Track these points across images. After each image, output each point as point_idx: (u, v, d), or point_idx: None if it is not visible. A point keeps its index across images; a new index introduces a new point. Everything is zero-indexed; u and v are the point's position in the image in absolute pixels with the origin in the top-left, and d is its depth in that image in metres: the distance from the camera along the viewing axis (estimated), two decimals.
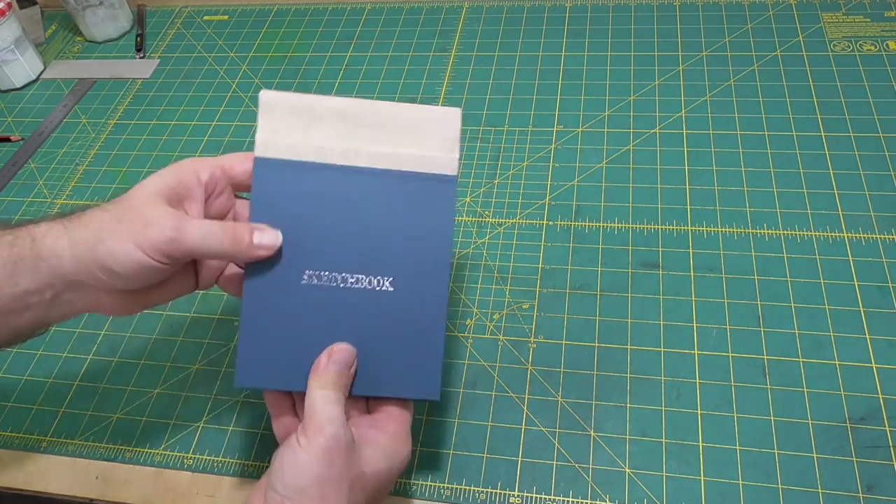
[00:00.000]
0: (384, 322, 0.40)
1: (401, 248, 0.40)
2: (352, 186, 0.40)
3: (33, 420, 0.53)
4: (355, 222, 0.40)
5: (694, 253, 0.55)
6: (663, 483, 0.44)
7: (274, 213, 0.40)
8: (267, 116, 0.41)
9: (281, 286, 0.40)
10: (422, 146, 0.41)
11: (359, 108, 0.41)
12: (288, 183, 0.40)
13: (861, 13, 0.72)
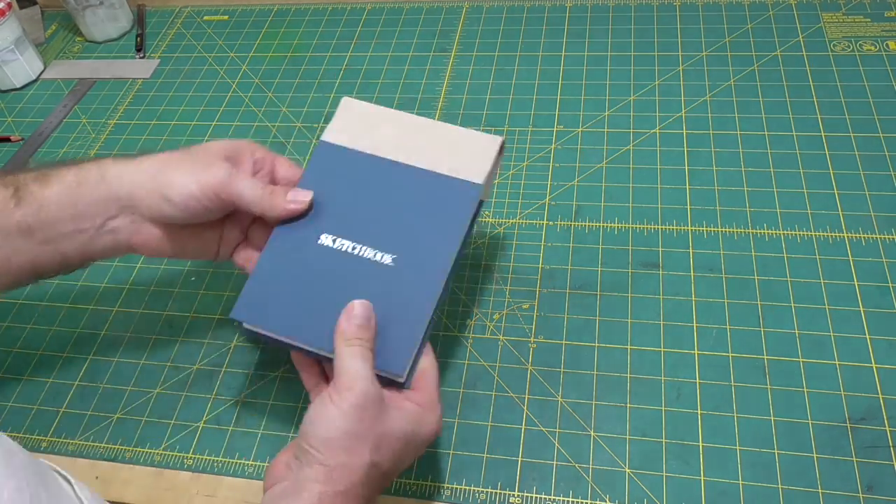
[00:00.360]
0: (377, 292, 0.42)
1: (412, 234, 0.44)
2: (388, 175, 0.47)
3: (33, 420, 0.53)
4: (381, 203, 0.46)
5: (694, 253, 0.55)
6: (663, 483, 0.44)
7: (317, 183, 0.46)
8: (342, 115, 0.49)
9: (299, 241, 0.45)
10: (460, 158, 0.47)
11: (417, 122, 0.49)
12: (337, 162, 0.47)
13: (861, 13, 0.72)
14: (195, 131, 0.72)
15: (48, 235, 0.43)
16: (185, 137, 0.72)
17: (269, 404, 0.51)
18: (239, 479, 0.48)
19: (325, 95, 0.74)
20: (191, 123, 0.73)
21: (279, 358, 0.53)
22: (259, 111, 0.73)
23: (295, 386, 0.52)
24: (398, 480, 0.46)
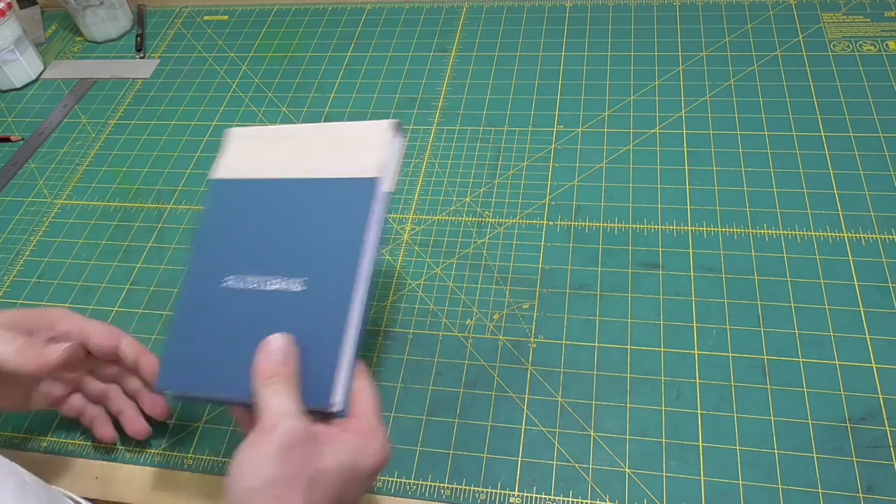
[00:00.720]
0: (293, 322, 0.40)
1: (316, 250, 0.41)
2: (283, 195, 0.44)
3: (33, 420, 0.53)
4: (282, 227, 0.43)
5: (694, 253, 0.55)
6: (663, 483, 0.44)
7: (216, 226, 0.44)
8: (228, 148, 0.47)
9: (206, 291, 0.42)
10: (351, 155, 0.44)
11: (305, 130, 0.46)
12: (231, 198, 0.45)
13: (861, 13, 0.72)
14: (195, 131, 0.72)
15: None
16: (185, 137, 0.72)
17: None
18: None
19: (325, 95, 0.74)
20: (191, 123, 0.73)
21: None
22: (259, 111, 0.73)
23: None
24: (398, 480, 0.46)
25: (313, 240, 0.42)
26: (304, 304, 0.40)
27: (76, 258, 0.63)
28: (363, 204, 0.42)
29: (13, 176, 0.72)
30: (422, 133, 0.68)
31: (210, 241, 0.44)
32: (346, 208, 0.42)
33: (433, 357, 0.52)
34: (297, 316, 0.40)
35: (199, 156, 0.70)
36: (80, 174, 0.70)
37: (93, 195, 0.68)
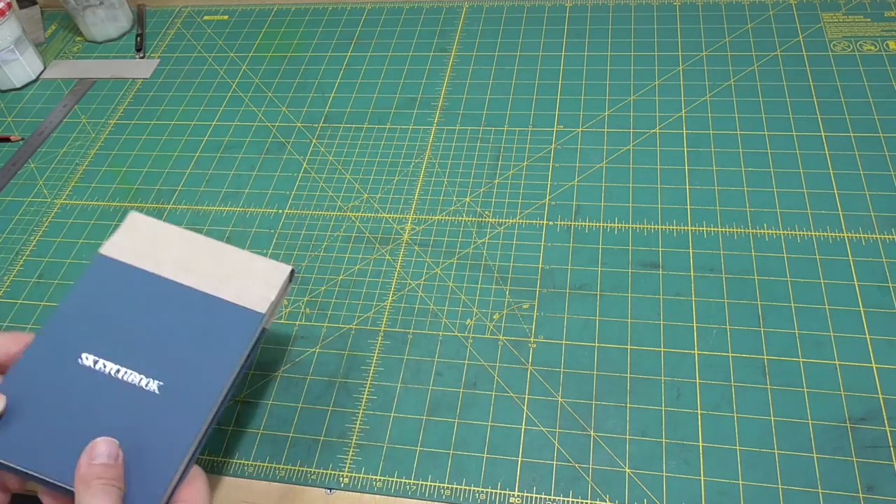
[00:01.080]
0: (137, 421, 0.39)
1: (183, 360, 0.42)
2: (168, 297, 0.44)
3: None
4: (154, 327, 0.43)
5: (694, 253, 0.55)
6: (663, 483, 0.44)
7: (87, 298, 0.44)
8: (126, 230, 0.46)
9: (56, 359, 0.41)
10: (246, 284, 0.45)
11: (208, 244, 0.46)
12: (113, 278, 0.44)
13: (861, 13, 0.72)
14: (195, 131, 0.72)
15: None
16: (185, 137, 0.72)
17: (269, 404, 0.51)
18: (239, 479, 0.48)
19: (325, 95, 0.74)
20: (191, 123, 0.73)
21: (279, 358, 0.53)
22: (259, 111, 0.73)
23: (295, 386, 0.52)
24: (398, 480, 0.46)
25: (182, 349, 0.42)
26: (155, 406, 0.40)
27: (76, 258, 0.63)
28: (243, 334, 0.43)
29: (13, 176, 0.72)
30: (422, 133, 0.68)
31: (75, 313, 0.43)
32: (224, 331, 0.43)
33: (433, 357, 0.52)
34: (143, 415, 0.40)
35: (199, 156, 0.70)
36: (80, 174, 0.70)
37: (93, 195, 0.68)
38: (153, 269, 0.45)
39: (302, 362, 0.53)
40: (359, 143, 0.68)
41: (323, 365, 0.53)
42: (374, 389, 0.51)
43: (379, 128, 0.69)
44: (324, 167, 0.67)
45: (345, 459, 0.48)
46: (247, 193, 0.66)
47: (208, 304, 0.44)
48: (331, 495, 0.47)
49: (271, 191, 0.65)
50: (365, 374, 0.52)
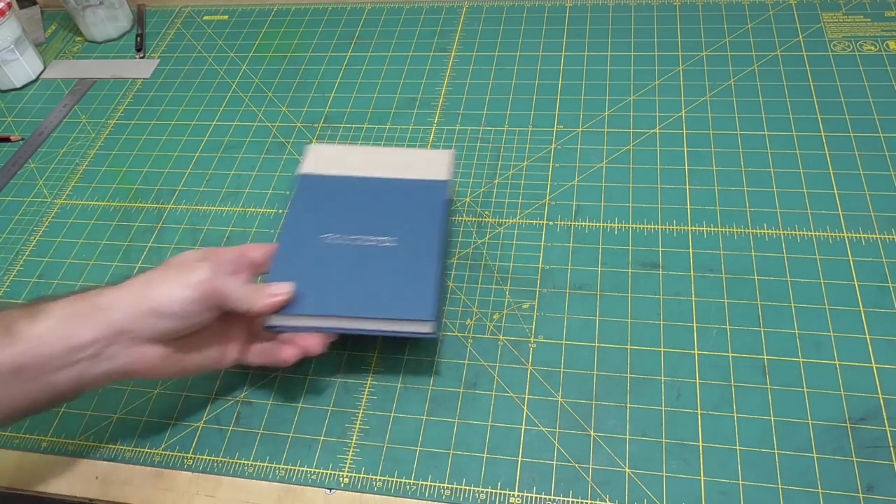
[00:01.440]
0: (387, 263, 0.49)
1: (402, 222, 0.52)
2: (367, 187, 0.54)
3: (34, 420, 0.53)
4: (368, 208, 0.53)
5: (694, 253, 0.55)
6: (663, 483, 0.44)
7: (306, 207, 0.53)
8: (311, 156, 0.57)
9: (305, 243, 0.51)
10: (424, 168, 0.55)
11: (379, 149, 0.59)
12: (319, 187, 0.54)
13: (861, 13, 0.72)
14: (195, 131, 0.72)
15: (40, 371, 0.41)
16: (185, 137, 0.72)
17: (269, 404, 0.51)
18: (239, 479, 0.48)
19: (325, 95, 0.74)
20: (191, 123, 0.73)
21: None
22: (259, 111, 0.73)
23: (295, 386, 0.52)
24: (398, 480, 0.46)
25: (398, 216, 0.52)
26: (396, 253, 0.50)
27: (76, 258, 0.63)
28: (438, 195, 0.53)
29: (13, 176, 0.72)
30: (422, 133, 0.68)
31: (303, 214, 0.52)
32: (423, 198, 0.53)
33: (433, 357, 0.52)
34: (390, 260, 0.49)
35: (199, 156, 0.70)
36: (80, 174, 0.70)
37: (93, 195, 0.68)
38: (347, 173, 0.55)
39: (302, 362, 0.53)
40: (359, 143, 0.68)
41: (323, 365, 0.53)
42: (373, 389, 0.51)
43: (379, 128, 0.69)
44: None
45: (345, 459, 0.48)
46: (247, 193, 0.66)
47: (402, 184, 0.54)
48: (331, 495, 0.47)
49: (271, 191, 0.65)
50: (365, 374, 0.52)
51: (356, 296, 0.47)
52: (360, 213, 0.52)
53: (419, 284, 0.48)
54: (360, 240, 0.50)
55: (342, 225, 0.51)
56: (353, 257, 0.50)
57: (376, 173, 0.55)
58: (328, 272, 0.49)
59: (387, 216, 0.52)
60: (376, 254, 0.50)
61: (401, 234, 0.50)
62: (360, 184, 0.54)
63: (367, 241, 0.50)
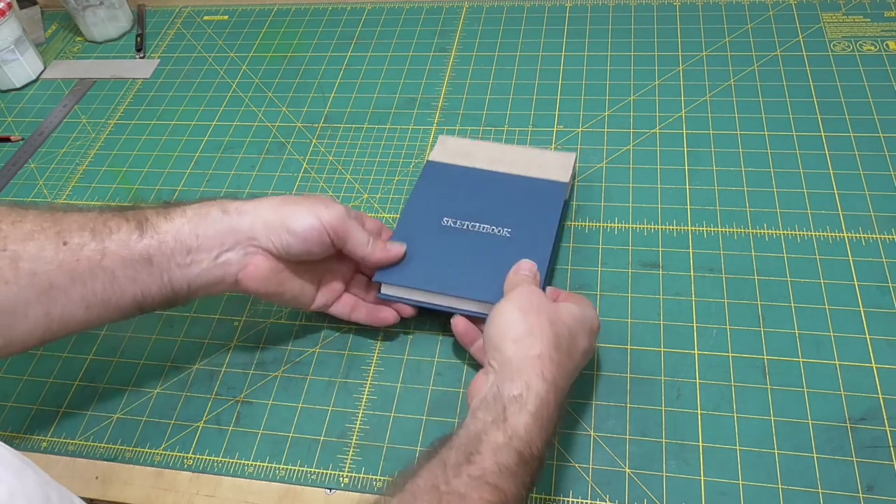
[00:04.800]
0: (500, 253, 0.51)
1: (520, 215, 0.54)
2: (489, 179, 0.57)
3: (33, 420, 0.53)
4: (489, 199, 0.55)
5: (694, 253, 0.55)
6: (663, 483, 0.44)
7: (430, 189, 0.56)
8: (440, 147, 0.60)
9: (425, 224, 0.54)
10: (545, 166, 0.58)
11: (505, 146, 0.61)
12: (444, 174, 0.58)
13: (861, 13, 0.72)
14: (195, 131, 0.72)
15: (164, 265, 0.44)
16: (185, 137, 0.72)
17: (269, 404, 0.51)
18: (239, 479, 0.48)
19: (325, 95, 0.74)
20: (191, 123, 0.73)
21: (279, 358, 0.53)
22: (259, 111, 0.73)
23: (295, 386, 0.52)
24: None
25: (516, 210, 0.54)
26: (511, 244, 0.52)
27: None
28: (556, 195, 0.56)
29: (13, 176, 0.72)
30: (422, 133, 0.68)
31: (425, 197, 0.56)
32: (542, 196, 0.55)
33: (433, 357, 0.52)
34: (505, 250, 0.51)
35: (199, 156, 0.70)
36: (80, 174, 0.70)
37: (93, 195, 0.68)
38: (472, 165, 0.58)
39: (302, 362, 0.53)
40: (359, 143, 0.68)
41: (323, 365, 0.53)
42: (374, 389, 0.51)
43: (379, 128, 0.69)
44: (324, 167, 0.67)
45: (345, 459, 0.48)
46: (247, 193, 0.66)
47: (523, 181, 0.57)
48: (331, 495, 0.47)
49: (271, 191, 0.65)
50: (365, 374, 0.52)
51: (459, 277, 0.50)
52: (479, 203, 0.55)
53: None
54: (476, 226, 0.53)
55: (461, 211, 0.54)
56: (468, 241, 0.52)
57: (500, 168, 0.57)
58: (441, 251, 0.52)
59: (505, 209, 0.54)
60: (490, 241, 0.52)
61: (516, 228, 0.53)
62: (483, 176, 0.57)
63: (484, 228, 0.53)
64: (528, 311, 0.42)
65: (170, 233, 0.44)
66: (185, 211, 0.45)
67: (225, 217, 0.45)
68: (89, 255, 0.42)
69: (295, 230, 0.46)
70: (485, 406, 0.39)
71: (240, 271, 0.46)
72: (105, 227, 0.43)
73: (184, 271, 0.45)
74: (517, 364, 0.39)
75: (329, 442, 0.49)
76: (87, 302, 0.43)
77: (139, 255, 0.43)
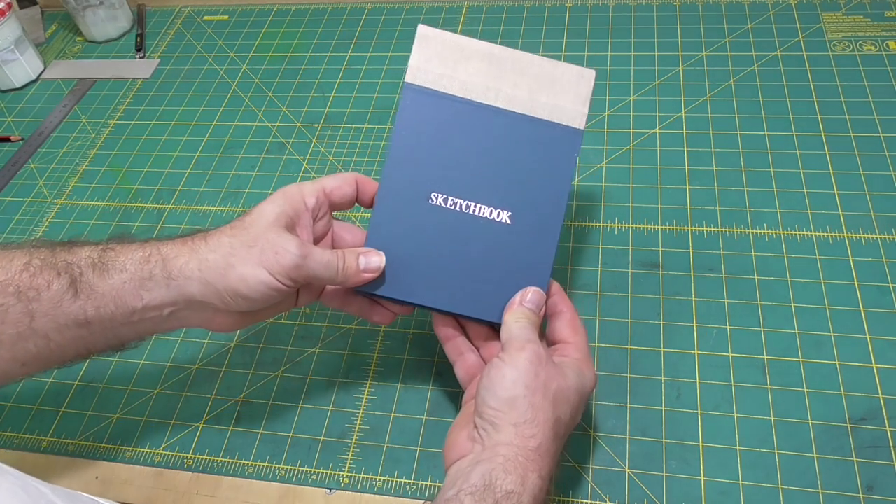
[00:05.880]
0: (498, 250, 0.44)
1: (522, 186, 0.44)
2: (487, 124, 0.45)
3: (33, 420, 0.53)
4: (485, 156, 0.45)
5: (694, 253, 0.55)
6: (663, 483, 0.44)
7: (412, 135, 0.45)
8: (421, 47, 0.46)
9: (408, 202, 0.44)
10: (556, 97, 0.45)
11: (504, 53, 0.45)
12: (430, 110, 0.45)
13: (861, 13, 0.72)
14: (195, 131, 0.72)
15: (107, 325, 0.40)
16: (185, 137, 0.72)
17: (269, 404, 0.51)
18: (239, 479, 0.48)
19: (325, 95, 0.74)
20: (191, 123, 0.73)
21: (279, 358, 0.53)
22: (259, 111, 0.73)
23: (295, 386, 0.52)
24: (398, 480, 0.46)
25: (518, 175, 0.44)
26: (510, 235, 0.44)
27: None
28: (569, 152, 0.45)
29: (13, 176, 0.72)
30: None
31: (407, 152, 0.45)
32: (551, 152, 0.45)
33: (433, 357, 0.52)
34: (502, 244, 0.44)
35: (199, 156, 0.70)
36: (80, 174, 0.70)
37: (93, 195, 0.68)
38: (462, 94, 0.45)
39: (302, 362, 0.53)
40: (359, 143, 0.68)
41: (323, 365, 0.53)
42: (374, 389, 0.51)
43: (379, 128, 0.69)
44: (324, 167, 0.67)
45: (345, 459, 0.48)
46: (247, 193, 0.66)
47: (527, 126, 0.45)
48: (331, 495, 0.47)
49: (271, 191, 0.65)
50: (365, 374, 0.52)
51: (453, 286, 0.44)
52: (473, 165, 0.44)
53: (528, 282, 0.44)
54: (472, 208, 0.44)
55: (452, 179, 0.44)
56: (460, 233, 0.44)
57: (498, 100, 0.45)
58: (428, 248, 0.44)
59: (504, 174, 0.44)
60: (486, 231, 0.44)
61: (517, 208, 0.44)
62: (478, 118, 0.45)
63: (479, 211, 0.44)
64: (534, 389, 0.38)
65: (108, 295, 0.39)
66: (125, 266, 0.40)
67: (171, 282, 0.40)
68: (15, 319, 0.38)
69: (248, 295, 0.40)
70: (474, 494, 0.35)
71: (201, 323, 0.43)
72: (31, 286, 0.38)
73: (131, 328, 0.41)
74: (514, 454, 0.36)
75: (329, 442, 0.49)
76: (22, 360, 0.40)
77: (74, 320, 0.39)
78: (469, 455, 0.38)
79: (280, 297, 0.41)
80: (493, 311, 0.44)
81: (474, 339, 0.46)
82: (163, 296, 0.40)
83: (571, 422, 0.40)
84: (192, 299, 0.40)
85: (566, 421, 0.39)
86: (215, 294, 0.40)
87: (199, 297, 0.40)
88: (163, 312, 0.41)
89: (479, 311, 0.44)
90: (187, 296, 0.40)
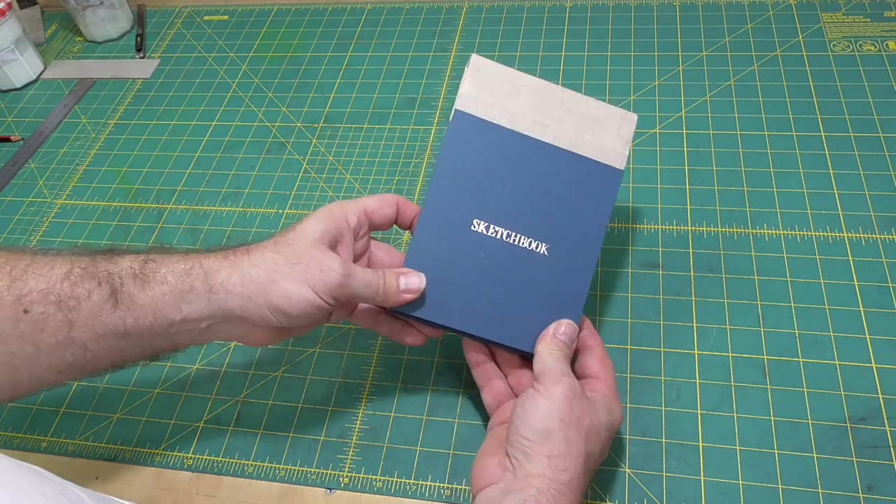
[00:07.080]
0: (533, 281, 0.45)
1: (561, 220, 0.46)
2: (532, 156, 0.46)
3: (33, 420, 0.53)
4: (528, 188, 0.46)
5: (694, 253, 0.55)
6: (663, 483, 0.44)
7: (458, 159, 0.46)
8: (474, 76, 0.46)
9: (451, 227, 0.45)
10: (599, 137, 0.47)
11: (553, 90, 0.47)
12: (478, 138, 0.46)
13: (861, 13, 0.72)
14: (195, 131, 0.72)
15: (144, 336, 0.40)
16: (185, 137, 0.72)
17: (269, 404, 0.51)
18: (239, 479, 0.48)
19: (325, 95, 0.74)
20: (191, 123, 0.73)
21: (279, 358, 0.53)
22: (259, 111, 0.73)
23: (295, 386, 0.52)
24: (398, 480, 0.46)
25: (558, 209, 0.46)
26: (546, 267, 0.45)
27: None
28: (609, 191, 0.46)
29: (13, 176, 0.72)
30: (422, 133, 0.68)
31: (453, 177, 0.46)
32: (592, 189, 0.46)
33: (433, 357, 0.52)
34: (539, 274, 0.45)
35: (199, 156, 0.70)
36: (80, 174, 0.70)
37: (93, 195, 0.68)
38: (510, 125, 0.46)
39: (302, 362, 0.53)
40: (359, 143, 0.68)
41: (323, 365, 0.53)
42: (373, 389, 0.51)
43: (379, 128, 0.69)
44: (324, 167, 0.67)
45: (345, 459, 0.48)
46: (247, 193, 0.66)
47: (571, 162, 0.46)
48: (331, 495, 0.47)
49: (271, 191, 0.65)
50: (365, 374, 0.52)
51: (487, 312, 0.44)
52: (516, 196, 0.45)
53: (561, 314, 0.44)
54: (512, 238, 0.45)
55: (495, 207, 0.45)
56: (498, 261, 0.45)
57: (545, 134, 0.46)
58: (466, 274, 0.44)
59: (545, 207, 0.45)
60: (524, 262, 0.45)
61: (556, 242, 0.45)
62: (524, 150, 0.46)
63: (519, 241, 0.45)
64: (569, 423, 0.38)
65: (147, 306, 0.39)
66: (165, 278, 0.40)
67: (212, 296, 0.40)
68: (55, 328, 0.38)
69: (289, 312, 0.40)
70: None
71: (237, 338, 0.43)
72: (72, 294, 0.38)
73: (168, 339, 0.41)
74: (546, 486, 0.37)
75: (329, 442, 0.49)
76: (58, 369, 0.40)
77: (113, 330, 0.39)
78: (499, 483, 0.38)
79: (323, 315, 0.42)
80: (525, 341, 0.44)
81: (503, 367, 0.46)
82: (202, 309, 0.40)
83: (600, 458, 0.41)
84: (232, 314, 0.40)
85: (596, 456, 0.40)
86: (256, 309, 0.40)
87: (238, 311, 0.40)
88: (200, 325, 0.41)
89: (512, 340, 0.44)
90: (227, 310, 0.40)
